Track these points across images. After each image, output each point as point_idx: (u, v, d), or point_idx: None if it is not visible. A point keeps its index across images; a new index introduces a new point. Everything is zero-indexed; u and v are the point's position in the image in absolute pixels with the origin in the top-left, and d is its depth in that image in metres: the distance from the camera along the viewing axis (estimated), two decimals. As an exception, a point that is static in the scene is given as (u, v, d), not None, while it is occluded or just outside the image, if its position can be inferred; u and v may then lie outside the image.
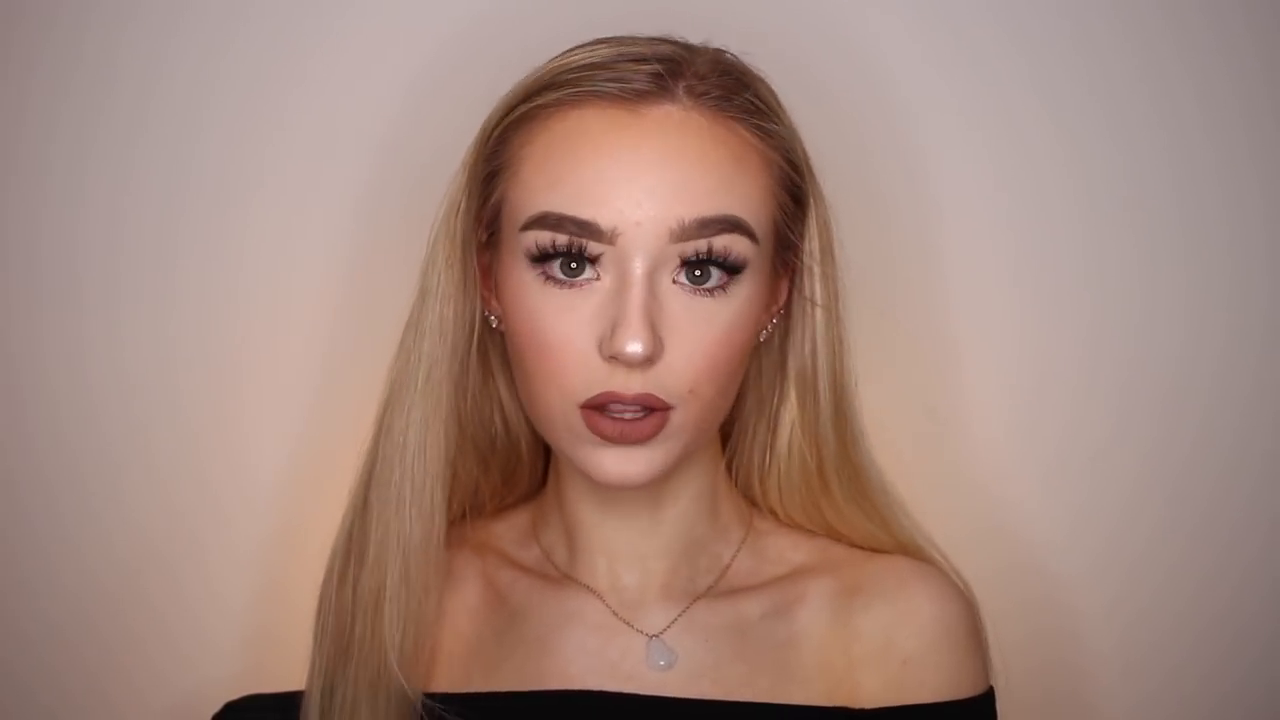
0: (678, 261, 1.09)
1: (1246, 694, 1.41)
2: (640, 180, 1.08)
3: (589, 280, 1.10)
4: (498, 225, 1.15)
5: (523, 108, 1.13)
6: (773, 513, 1.24)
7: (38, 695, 1.41)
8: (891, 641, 1.17)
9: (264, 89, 1.40)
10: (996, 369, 1.42)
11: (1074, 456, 1.42)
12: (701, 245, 1.09)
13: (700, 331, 1.10)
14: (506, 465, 1.26)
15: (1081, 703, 1.42)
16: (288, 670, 1.26)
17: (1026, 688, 1.34)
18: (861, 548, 1.22)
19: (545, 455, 1.26)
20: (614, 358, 1.08)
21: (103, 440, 1.41)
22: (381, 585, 1.16)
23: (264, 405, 1.42)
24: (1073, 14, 1.39)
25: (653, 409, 1.10)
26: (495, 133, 1.14)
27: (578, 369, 1.10)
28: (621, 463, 1.11)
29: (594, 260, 1.09)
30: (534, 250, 1.10)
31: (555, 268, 1.10)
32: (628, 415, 1.10)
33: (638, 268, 1.08)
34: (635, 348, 1.07)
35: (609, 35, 1.15)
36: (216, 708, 1.26)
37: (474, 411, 1.22)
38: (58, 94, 1.39)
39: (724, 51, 1.16)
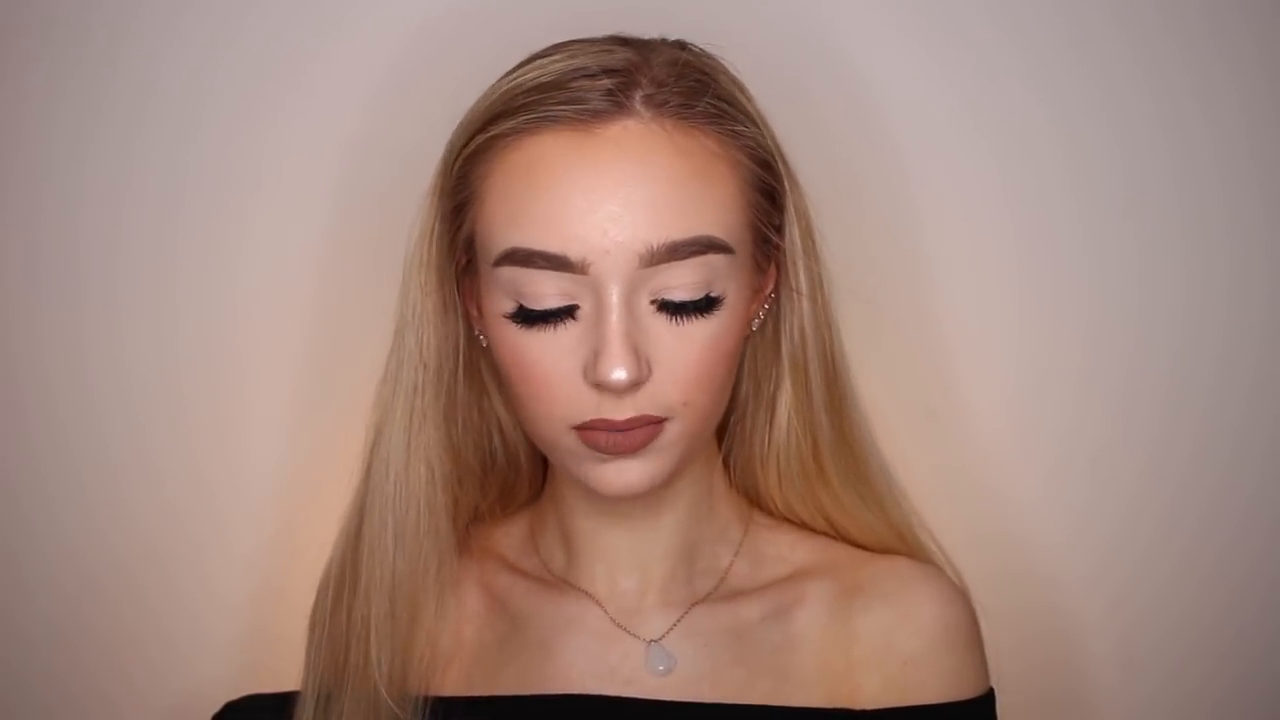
0: (654, 289, 1.08)
1: (1247, 693, 1.41)
2: (604, 206, 1.06)
3: (569, 313, 1.09)
4: (474, 253, 1.13)
5: (480, 138, 1.11)
6: (773, 505, 1.23)
7: (38, 695, 1.42)
8: (892, 642, 1.17)
9: (263, 89, 1.40)
10: (996, 368, 1.41)
11: (1075, 457, 1.42)
12: (673, 284, 1.07)
13: (686, 348, 1.09)
14: (505, 481, 1.26)
15: (1081, 703, 1.42)
16: (286, 669, 1.25)
17: (1027, 688, 1.35)
18: (862, 546, 1.22)
19: (543, 464, 1.25)
20: (598, 385, 1.07)
21: (101, 440, 1.41)
22: (369, 616, 1.16)
23: (262, 406, 1.41)
24: (1069, 7, 1.39)
25: (645, 424, 1.09)
26: (456, 164, 1.12)
27: (567, 398, 1.09)
28: (621, 472, 1.10)
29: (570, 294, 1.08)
30: (510, 310, 1.09)
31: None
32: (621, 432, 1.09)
33: (613, 295, 1.07)
34: (619, 375, 1.06)
35: (562, 41, 1.13)
36: (216, 707, 1.26)
37: (469, 435, 1.21)
38: (56, 95, 1.39)
39: (683, 46, 1.14)
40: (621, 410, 1.08)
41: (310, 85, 1.40)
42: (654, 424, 1.09)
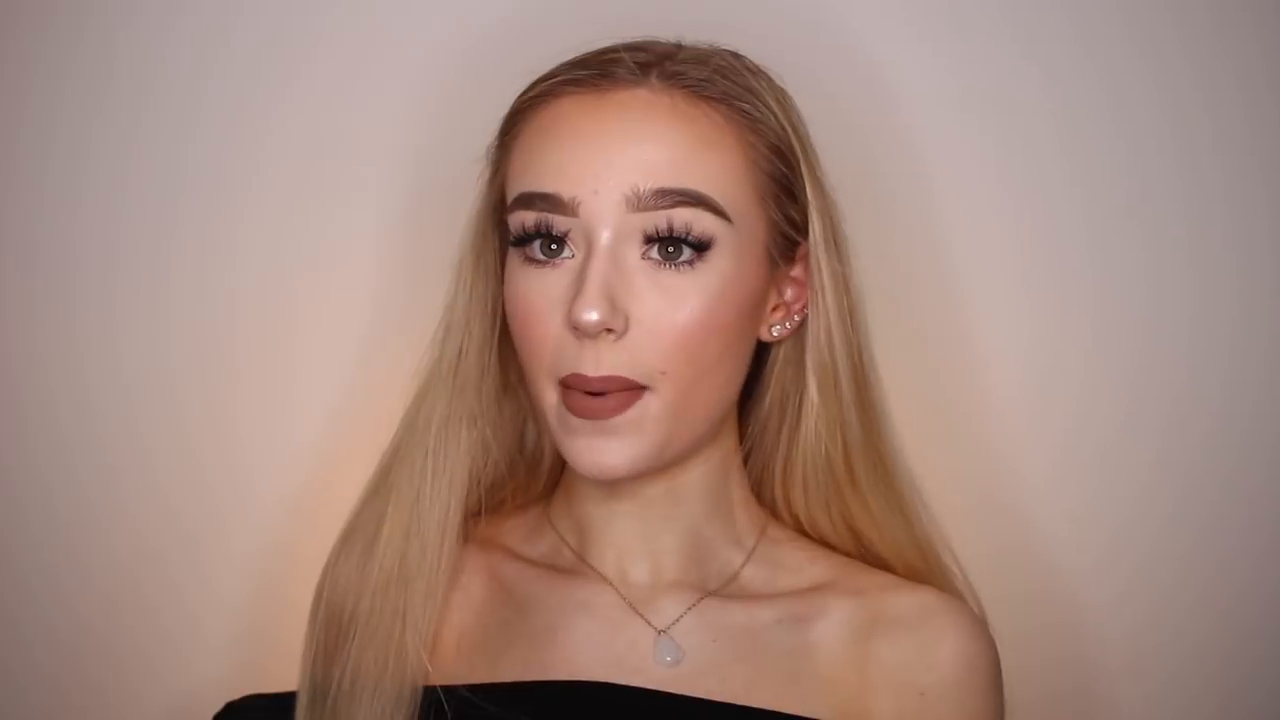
0: (642, 236, 1.11)
1: (1254, 688, 1.40)
2: (600, 153, 1.11)
3: (565, 259, 1.12)
4: (503, 224, 1.17)
5: (515, 105, 1.18)
6: (794, 518, 1.23)
7: (37, 697, 1.41)
8: (910, 672, 1.16)
9: (259, 89, 1.40)
10: (1004, 363, 1.41)
11: (1081, 453, 1.41)
12: (660, 219, 1.11)
13: (669, 307, 1.11)
14: (530, 467, 1.27)
15: (1087, 698, 1.41)
16: (287, 670, 1.25)
17: (1032, 683, 1.34)
18: (884, 560, 1.22)
19: (561, 461, 1.26)
20: (574, 327, 1.10)
21: (99, 441, 1.41)
22: (397, 567, 1.17)
23: (261, 405, 1.41)
24: (1076, 8, 1.39)
25: (621, 390, 1.10)
26: (499, 134, 1.19)
27: (553, 346, 1.12)
28: (597, 453, 1.12)
29: (565, 238, 1.12)
30: (511, 236, 1.14)
31: (535, 249, 1.13)
32: (596, 396, 1.11)
33: (601, 237, 1.11)
34: (589, 315, 1.08)
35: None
36: (216, 708, 1.25)
37: (505, 417, 1.24)
38: (55, 93, 1.39)
39: (724, 49, 1.18)
40: (598, 366, 1.10)
41: (303, 85, 1.40)
42: (629, 390, 1.11)
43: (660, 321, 1.10)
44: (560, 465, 1.26)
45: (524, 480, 1.27)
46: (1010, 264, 1.41)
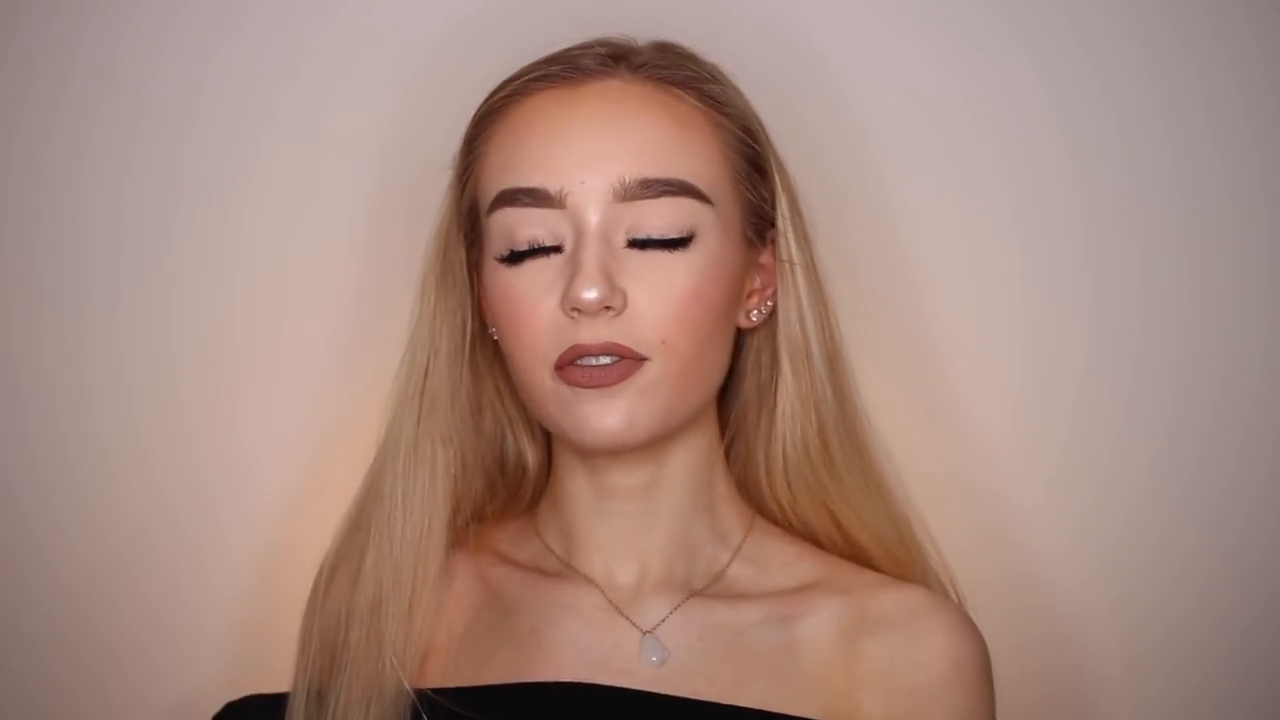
0: (629, 226, 1.13)
1: (1248, 695, 1.40)
2: (582, 143, 1.14)
3: (550, 253, 1.14)
4: (477, 230, 1.19)
5: (483, 109, 1.20)
6: (780, 508, 1.23)
7: (37, 695, 1.42)
8: (899, 670, 1.16)
9: (261, 88, 1.41)
10: (999, 369, 1.41)
11: (1078, 458, 1.41)
12: (648, 221, 1.12)
13: (665, 282, 1.13)
14: (511, 485, 1.28)
15: (1083, 703, 1.41)
16: (286, 669, 1.25)
17: (1028, 690, 1.34)
18: (864, 549, 1.22)
19: (548, 468, 1.27)
20: (575, 309, 1.11)
21: (100, 440, 1.42)
22: (377, 592, 1.18)
23: (261, 405, 1.42)
24: (1072, 5, 1.39)
25: (622, 356, 1.12)
26: (466, 135, 1.20)
27: (548, 332, 1.13)
28: (601, 415, 1.13)
29: (557, 245, 1.13)
30: (497, 250, 1.15)
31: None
32: (599, 364, 1.12)
33: (590, 223, 1.13)
34: (590, 294, 1.10)
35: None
36: (216, 707, 1.25)
37: (482, 436, 1.25)
38: (55, 93, 1.40)
39: (671, 43, 1.20)
40: (598, 335, 1.12)
41: (305, 85, 1.41)
42: (630, 359, 1.12)
43: (656, 296, 1.13)
44: (544, 479, 1.26)
45: (505, 500, 1.27)
46: (1004, 268, 1.41)
